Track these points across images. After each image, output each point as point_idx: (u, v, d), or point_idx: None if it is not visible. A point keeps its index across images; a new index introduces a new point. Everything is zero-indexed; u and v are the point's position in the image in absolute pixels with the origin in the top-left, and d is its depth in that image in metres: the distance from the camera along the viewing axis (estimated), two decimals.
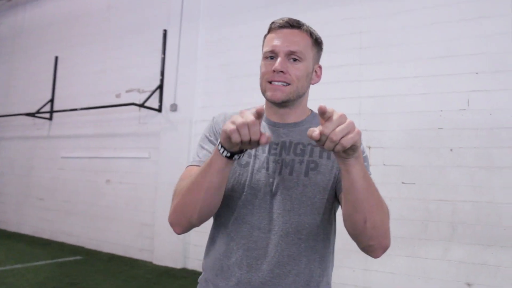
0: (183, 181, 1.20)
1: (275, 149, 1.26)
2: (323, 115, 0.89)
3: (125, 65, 6.32)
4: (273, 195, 1.23)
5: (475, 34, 3.83)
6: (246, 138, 0.96)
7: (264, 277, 1.20)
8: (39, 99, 7.41)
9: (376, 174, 4.12)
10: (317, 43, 1.30)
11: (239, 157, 1.07)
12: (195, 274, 4.94)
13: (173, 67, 5.64)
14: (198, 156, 1.29)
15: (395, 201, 3.99)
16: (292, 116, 1.31)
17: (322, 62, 1.38)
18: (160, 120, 5.66)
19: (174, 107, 5.50)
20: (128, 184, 6.00)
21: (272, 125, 1.31)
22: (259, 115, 0.96)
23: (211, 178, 1.09)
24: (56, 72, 7.39)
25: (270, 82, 1.22)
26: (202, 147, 1.31)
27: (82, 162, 6.68)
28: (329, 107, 0.89)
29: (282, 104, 1.25)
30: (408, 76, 4.08)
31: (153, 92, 5.66)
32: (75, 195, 6.69)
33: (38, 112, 7.10)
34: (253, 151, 1.27)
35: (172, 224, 1.20)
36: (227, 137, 0.99)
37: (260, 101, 1.20)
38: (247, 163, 1.25)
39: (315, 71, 1.32)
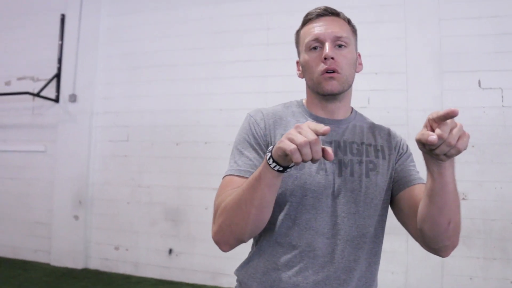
0: (226, 195, 1.11)
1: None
2: (445, 118, 0.85)
3: (16, 49, 5.76)
4: (335, 197, 1.16)
5: (373, 37, 4.06)
6: (308, 158, 0.89)
7: (331, 285, 1.14)
8: None
9: None
10: (355, 31, 1.28)
11: (291, 169, 0.99)
12: (98, 274, 4.69)
13: (72, 55, 5.26)
14: (236, 163, 1.18)
15: None
16: (341, 111, 1.25)
17: (230, 55, 1.32)
18: (58, 111, 5.26)
19: (73, 98, 5.15)
20: (20, 180, 5.51)
21: (321, 122, 1.22)
22: (323, 134, 0.90)
23: (262, 193, 1.00)
24: None
25: (323, 74, 1.16)
26: (241, 153, 1.19)
27: None
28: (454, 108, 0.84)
29: (336, 96, 1.20)
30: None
31: (50, 81, 5.24)
32: None
33: None
34: None
35: (219, 243, 1.11)
36: (285, 155, 0.92)
37: (161, 93, 1.11)
38: (303, 165, 1.15)
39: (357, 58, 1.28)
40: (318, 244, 1.14)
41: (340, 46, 1.18)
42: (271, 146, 0.99)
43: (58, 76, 5.29)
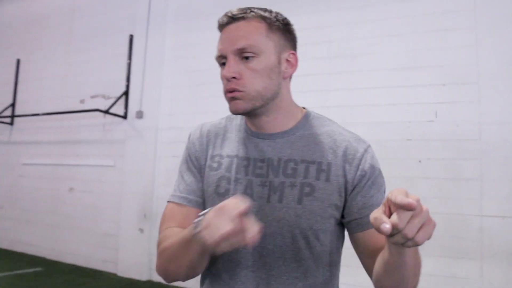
0: (165, 234, 1.04)
1: (261, 168, 1.05)
2: (401, 207, 0.69)
3: (90, 69, 6.13)
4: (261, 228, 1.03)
5: (440, 46, 3.85)
6: (235, 246, 0.80)
7: None
8: None
9: None
10: (277, 27, 1.06)
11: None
12: (160, 287, 4.79)
13: (139, 73, 5.49)
14: (179, 189, 1.11)
15: None
16: (275, 123, 1.08)
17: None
18: (126, 127, 5.49)
19: (140, 114, 5.35)
20: (92, 193, 5.80)
21: (255, 136, 1.09)
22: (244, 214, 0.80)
23: (192, 257, 0.93)
24: (18, 75, 7.11)
25: (226, 94, 1.04)
26: (182, 176, 1.13)
27: (44, 169, 6.43)
28: (414, 198, 0.70)
29: (250, 114, 1.05)
30: (376, 87, 4.07)
31: (119, 98, 5.50)
32: (35, 203, 6.42)
33: None
34: (232, 174, 1.06)
35: (161, 276, 1.05)
36: (214, 245, 0.81)
37: (225, 109, 1.07)
38: (227, 191, 1.04)
39: (287, 60, 1.08)
40: (241, 278, 1.03)
41: (247, 58, 1.01)
42: (201, 216, 0.87)
43: (126, 93, 5.54)
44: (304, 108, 1.17)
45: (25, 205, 6.57)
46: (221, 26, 1.08)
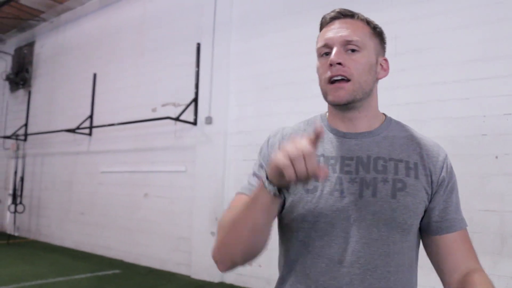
0: (230, 212, 1.05)
1: (349, 165, 1.07)
2: None
3: (160, 79, 6.38)
4: (353, 222, 1.03)
5: None
6: (302, 173, 0.81)
7: None
8: (79, 115, 7.59)
9: None
10: (378, 33, 1.13)
11: (288, 192, 0.94)
12: None
13: (207, 80, 5.63)
14: (249, 183, 1.12)
15: None
16: (364, 121, 1.12)
17: None
18: (196, 133, 5.65)
19: (209, 120, 5.48)
20: (165, 198, 6.01)
21: (342, 136, 1.11)
22: (317, 137, 0.84)
23: (256, 216, 0.95)
24: (95, 88, 7.55)
25: (331, 83, 1.05)
26: (255, 174, 1.14)
27: (121, 176, 6.76)
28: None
29: (349, 105, 1.08)
30: (447, 81, 3.90)
31: (188, 105, 5.67)
32: (113, 209, 6.76)
33: (78, 128, 7.27)
34: None
35: (216, 261, 1.05)
36: (278, 171, 0.85)
37: (290, 111, 1.08)
38: (315, 188, 1.05)
39: (380, 64, 1.13)
40: (333, 273, 1.02)
41: (353, 50, 1.05)
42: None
43: (195, 100, 5.70)
44: (383, 113, 1.21)
45: (104, 211, 6.93)
46: (328, 21, 1.12)
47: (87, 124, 7.41)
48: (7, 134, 9.19)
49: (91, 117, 7.44)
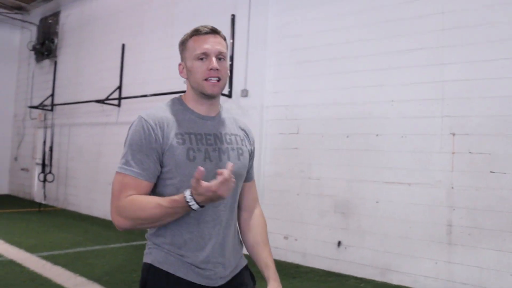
0: (131, 202, 1.37)
1: (210, 139, 1.51)
2: None
3: None
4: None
5: None
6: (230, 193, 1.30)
7: (223, 238, 1.53)
8: (107, 87, 7.59)
9: (461, 163, 3.90)
10: (227, 45, 1.59)
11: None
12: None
13: (243, 52, 5.57)
14: (130, 163, 1.40)
15: (482, 191, 3.77)
16: (215, 108, 1.57)
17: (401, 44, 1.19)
18: (231, 105, 5.62)
19: (244, 93, 5.45)
20: None
21: (201, 118, 1.53)
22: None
23: (168, 220, 1.38)
24: (123, 59, 7.52)
25: (206, 80, 1.45)
26: (134, 156, 1.41)
27: None
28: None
29: (215, 96, 1.52)
30: (498, 58, 3.82)
31: None
32: None
33: (107, 99, 7.27)
34: (194, 145, 1.46)
35: (120, 227, 1.43)
36: (213, 200, 1.26)
37: (327, 87, 1.06)
38: (194, 157, 1.45)
39: None
40: (217, 213, 1.50)
41: (220, 59, 1.48)
42: (187, 193, 1.27)
43: (230, 72, 5.64)
44: None
45: None
46: (203, 34, 1.51)
47: (116, 95, 7.41)
48: (34, 104, 9.24)
49: (119, 88, 7.43)
